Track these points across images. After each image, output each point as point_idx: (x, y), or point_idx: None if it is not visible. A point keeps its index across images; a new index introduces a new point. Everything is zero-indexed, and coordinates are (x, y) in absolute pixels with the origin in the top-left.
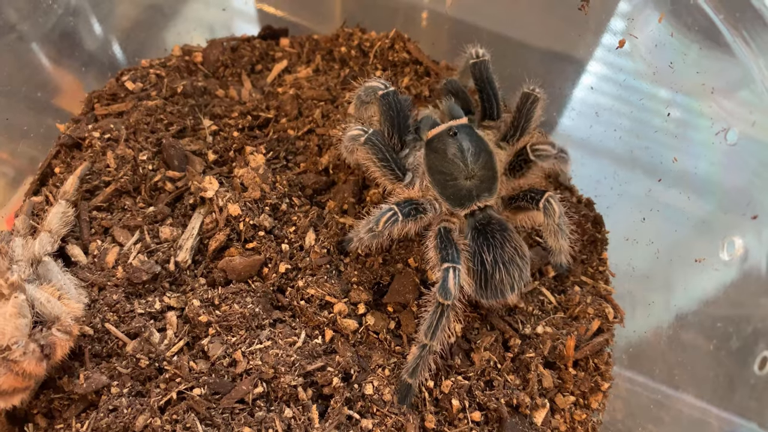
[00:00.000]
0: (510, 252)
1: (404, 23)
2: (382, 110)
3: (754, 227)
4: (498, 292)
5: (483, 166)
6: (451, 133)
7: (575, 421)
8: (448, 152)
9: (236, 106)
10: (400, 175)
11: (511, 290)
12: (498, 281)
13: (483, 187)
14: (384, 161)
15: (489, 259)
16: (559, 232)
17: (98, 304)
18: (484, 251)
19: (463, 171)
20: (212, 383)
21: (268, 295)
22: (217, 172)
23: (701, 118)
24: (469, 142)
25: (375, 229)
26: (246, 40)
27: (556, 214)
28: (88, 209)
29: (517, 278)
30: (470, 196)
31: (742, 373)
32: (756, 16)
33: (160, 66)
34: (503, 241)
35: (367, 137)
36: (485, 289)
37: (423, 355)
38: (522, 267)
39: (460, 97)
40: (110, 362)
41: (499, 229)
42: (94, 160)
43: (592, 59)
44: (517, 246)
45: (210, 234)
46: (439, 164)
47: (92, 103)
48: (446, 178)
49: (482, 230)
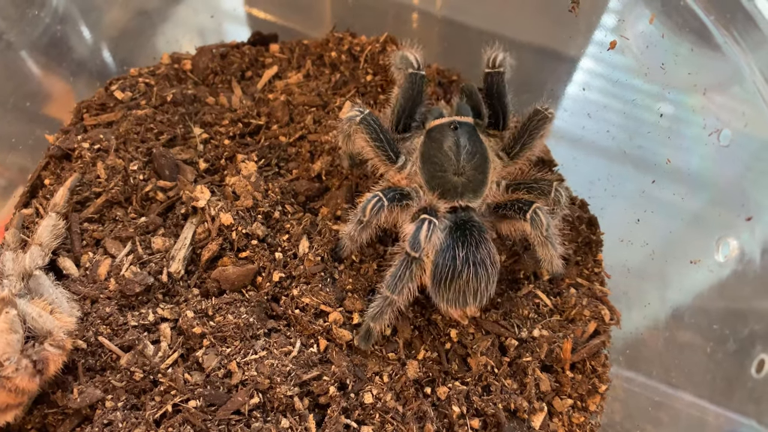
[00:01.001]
0: (483, 254)
1: (395, 25)
2: (406, 86)
3: (748, 228)
4: (460, 296)
5: (475, 167)
6: (452, 126)
7: (573, 424)
8: (444, 144)
9: (227, 114)
10: (393, 157)
11: (473, 298)
12: (464, 282)
13: (470, 187)
14: (378, 141)
15: (461, 254)
16: (547, 244)
17: (91, 317)
18: (458, 245)
19: (454, 166)
20: (208, 395)
21: (263, 305)
22: (208, 180)
23: (694, 119)
24: (467, 140)
25: (363, 219)
26: (235, 47)
27: (543, 226)
28: (79, 221)
29: (483, 287)
30: (455, 192)
31: (739, 375)
32: (747, 17)
33: (149, 74)
34: (479, 242)
35: (362, 117)
36: (448, 289)
37: (384, 306)
38: (490, 276)
39: (474, 101)
40: (104, 376)
41: (478, 230)
42: (84, 171)
43: (584, 60)
44: (492, 253)
45: (202, 244)
46: (433, 153)
47: (81, 113)
48: (436, 169)
49: (461, 226)
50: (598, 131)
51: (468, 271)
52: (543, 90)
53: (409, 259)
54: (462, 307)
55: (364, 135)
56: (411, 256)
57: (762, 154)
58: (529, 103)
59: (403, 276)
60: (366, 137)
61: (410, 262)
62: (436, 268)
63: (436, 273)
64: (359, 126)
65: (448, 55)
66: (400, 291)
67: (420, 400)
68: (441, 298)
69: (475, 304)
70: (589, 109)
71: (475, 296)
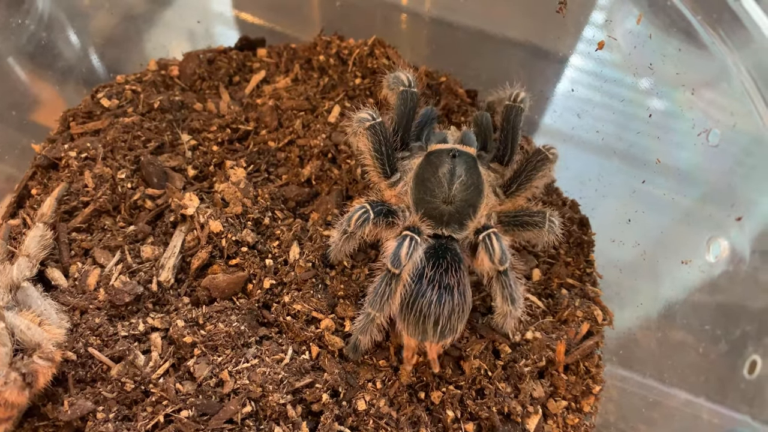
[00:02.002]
0: (452, 281)
1: (383, 27)
2: (397, 103)
3: (738, 228)
4: (420, 321)
5: (466, 198)
6: (451, 154)
7: (568, 425)
8: (440, 170)
9: (215, 120)
10: (388, 172)
11: (433, 326)
12: (425, 305)
13: (456, 218)
14: (378, 152)
15: (429, 274)
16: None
17: (81, 328)
18: (428, 266)
19: (444, 193)
20: (200, 404)
21: (254, 312)
22: (197, 187)
23: (682, 119)
24: (464, 171)
25: (348, 229)
26: (222, 52)
27: (495, 255)
28: (67, 231)
29: (445, 315)
30: (440, 219)
31: (732, 376)
32: (733, 16)
33: (135, 81)
34: (451, 268)
35: (372, 124)
36: (410, 311)
37: (367, 323)
38: (455, 306)
39: (483, 132)
40: (95, 387)
41: (454, 260)
42: (72, 180)
43: (572, 61)
44: (462, 283)
45: (192, 252)
46: (427, 177)
47: (67, 122)
48: (426, 193)
49: (438, 251)
50: (588, 131)
51: (432, 294)
52: (532, 90)
53: (389, 276)
54: (421, 337)
55: (367, 142)
56: (391, 272)
57: (750, 152)
58: None
59: (384, 293)
60: (369, 145)
61: (391, 278)
62: (404, 286)
63: (403, 291)
64: (366, 131)
65: (437, 57)
66: (381, 308)
67: (414, 405)
68: (402, 320)
69: (434, 337)
70: (579, 110)
71: (436, 325)
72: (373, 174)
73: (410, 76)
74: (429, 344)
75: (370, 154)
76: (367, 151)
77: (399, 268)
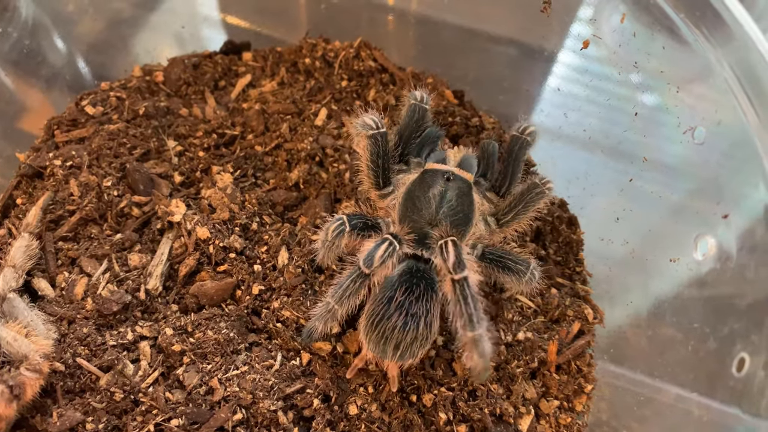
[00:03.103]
0: (420, 311)
1: (370, 28)
2: (405, 115)
3: (725, 226)
4: (381, 341)
5: (452, 223)
6: (446, 176)
7: (561, 425)
8: (431, 190)
9: (201, 125)
10: (381, 183)
11: (393, 349)
12: (389, 328)
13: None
14: (374, 163)
15: (399, 299)
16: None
17: (68, 339)
18: (399, 289)
19: (431, 214)
20: (190, 413)
21: (243, 319)
22: (184, 194)
23: (668, 117)
24: (455, 196)
25: (326, 239)
26: (207, 56)
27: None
28: (53, 240)
29: (407, 341)
30: (422, 241)
31: (721, 374)
32: (715, 14)
33: (120, 88)
34: (423, 300)
35: (375, 133)
36: (374, 329)
37: (326, 313)
38: (419, 335)
39: (486, 159)
40: (84, 398)
41: (428, 285)
42: (57, 189)
43: (558, 61)
44: (431, 313)
45: (180, 259)
46: (417, 195)
47: (52, 130)
48: (413, 211)
49: (413, 276)
50: (575, 131)
51: (397, 319)
52: (519, 91)
53: (359, 273)
54: (380, 355)
55: (365, 150)
56: (362, 271)
57: (736, 149)
58: (506, 104)
59: (348, 289)
60: (367, 154)
61: (359, 276)
62: (372, 303)
63: (370, 309)
64: (367, 139)
65: (424, 58)
66: (342, 303)
67: (406, 409)
68: (365, 334)
69: (393, 358)
70: (565, 109)
71: (396, 349)
72: (366, 182)
73: (426, 94)
74: (387, 363)
75: (366, 163)
76: (365, 159)
77: (370, 269)
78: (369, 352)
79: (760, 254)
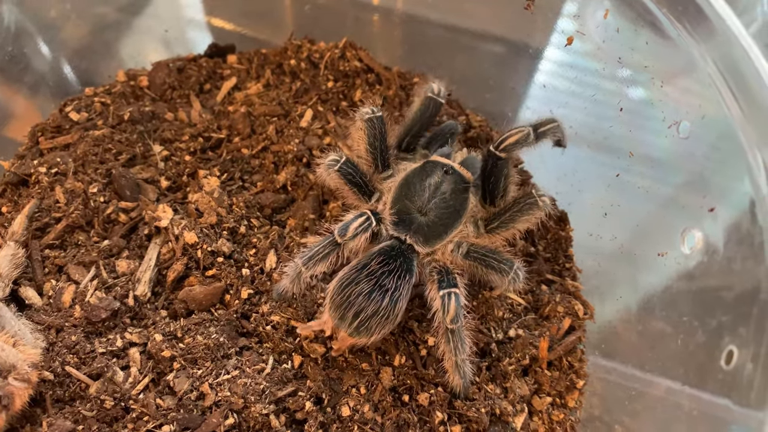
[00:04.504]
0: (391, 285)
1: (356, 28)
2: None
3: (711, 219)
4: (342, 305)
5: (440, 216)
6: (445, 169)
7: (553, 421)
8: (428, 179)
9: (186, 129)
10: (380, 166)
11: (352, 317)
12: (355, 293)
13: (423, 231)
14: (371, 146)
15: (374, 268)
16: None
17: (57, 347)
18: (375, 260)
19: (422, 203)
20: (181, 419)
21: (233, 323)
22: (171, 199)
23: (653, 112)
24: (449, 190)
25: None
26: (192, 60)
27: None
28: (40, 248)
29: (368, 312)
30: (408, 226)
31: (710, 367)
32: (697, 9)
33: (104, 93)
34: (395, 276)
35: (371, 116)
36: (340, 291)
37: (294, 276)
38: (381, 308)
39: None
40: (74, 406)
41: (403, 268)
42: (43, 196)
43: (543, 57)
44: (399, 296)
45: (168, 264)
46: (413, 181)
47: (36, 137)
48: (406, 196)
49: (392, 253)
50: None
51: (365, 286)
52: (505, 88)
53: (331, 240)
54: (337, 322)
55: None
56: (335, 239)
57: (721, 143)
58: (493, 102)
59: (318, 254)
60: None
61: (330, 243)
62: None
63: (343, 272)
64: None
65: (410, 58)
66: (309, 266)
67: (399, 409)
68: (330, 297)
69: (349, 328)
70: (551, 105)
71: (355, 317)
72: (366, 166)
73: (443, 89)
74: (342, 333)
75: (365, 146)
76: (363, 142)
77: (343, 239)
78: (329, 317)
79: (747, 247)
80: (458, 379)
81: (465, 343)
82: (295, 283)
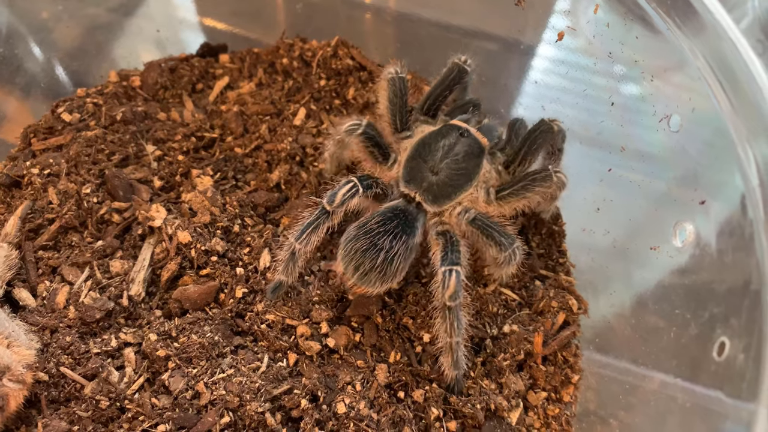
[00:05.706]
0: (386, 245)
1: (348, 26)
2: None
3: (703, 212)
4: (346, 257)
5: (451, 177)
6: (461, 132)
7: (549, 416)
8: (443, 140)
9: (179, 129)
10: (398, 126)
11: (354, 269)
12: (353, 249)
13: (433, 190)
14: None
15: (372, 227)
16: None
17: (51, 348)
18: (375, 219)
19: (435, 162)
20: (177, 418)
21: (227, 322)
22: (164, 198)
23: (644, 106)
24: (463, 152)
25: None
26: (184, 60)
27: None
28: (33, 249)
29: (366, 267)
30: (418, 183)
31: (703, 359)
32: (685, 3)
33: (96, 94)
34: (391, 234)
35: (393, 76)
36: (344, 246)
37: (288, 259)
38: (378, 265)
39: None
40: (69, 407)
41: (404, 226)
42: (36, 197)
43: (535, 54)
44: (396, 252)
45: (162, 264)
46: (429, 142)
47: (29, 138)
48: (420, 154)
49: (395, 213)
50: None
51: (362, 244)
52: (497, 85)
53: (322, 211)
54: (345, 271)
55: (384, 91)
56: (324, 208)
57: (711, 137)
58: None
59: (311, 224)
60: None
61: (321, 212)
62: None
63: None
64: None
65: (402, 56)
66: (303, 240)
67: (394, 406)
68: (341, 248)
69: (353, 277)
70: (543, 101)
71: (356, 270)
72: (386, 126)
73: (470, 59)
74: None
75: (385, 104)
76: (383, 99)
77: (332, 206)
78: (340, 266)
79: (737, 239)
80: (452, 371)
81: (461, 323)
82: (290, 267)
